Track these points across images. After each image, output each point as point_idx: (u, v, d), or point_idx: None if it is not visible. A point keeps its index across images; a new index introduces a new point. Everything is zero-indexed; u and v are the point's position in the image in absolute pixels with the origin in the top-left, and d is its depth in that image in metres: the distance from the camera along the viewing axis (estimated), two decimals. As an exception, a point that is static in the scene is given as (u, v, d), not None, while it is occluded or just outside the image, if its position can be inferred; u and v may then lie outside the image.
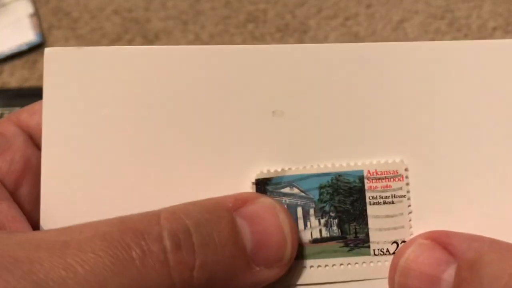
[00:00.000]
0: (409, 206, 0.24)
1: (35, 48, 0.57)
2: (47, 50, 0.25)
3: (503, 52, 0.24)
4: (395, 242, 0.24)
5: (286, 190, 0.24)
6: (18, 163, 0.26)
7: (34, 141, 0.27)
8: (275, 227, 0.23)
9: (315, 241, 0.24)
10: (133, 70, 0.25)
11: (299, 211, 0.24)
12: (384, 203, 0.24)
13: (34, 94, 0.34)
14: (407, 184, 0.24)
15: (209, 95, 0.25)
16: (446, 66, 0.24)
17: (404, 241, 0.24)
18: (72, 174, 0.25)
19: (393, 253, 0.24)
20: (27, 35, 0.57)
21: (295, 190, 0.24)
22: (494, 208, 0.24)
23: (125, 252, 0.20)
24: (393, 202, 0.24)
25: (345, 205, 0.24)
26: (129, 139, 0.25)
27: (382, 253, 0.24)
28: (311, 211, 0.24)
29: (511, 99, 0.24)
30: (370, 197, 0.24)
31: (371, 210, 0.24)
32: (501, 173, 0.24)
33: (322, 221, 0.24)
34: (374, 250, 0.24)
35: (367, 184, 0.24)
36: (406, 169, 0.24)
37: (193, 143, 0.25)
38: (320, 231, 0.24)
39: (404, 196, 0.24)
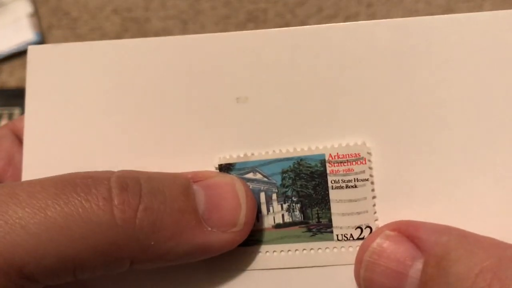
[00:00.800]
0: (373, 190, 0.24)
1: (35, 48, 0.58)
2: (30, 48, 0.26)
3: (467, 27, 0.24)
4: (359, 227, 0.23)
5: (250, 175, 0.24)
6: (2, 159, 0.29)
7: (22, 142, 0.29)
8: (230, 193, 0.23)
9: (277, 226, 0.24)
10: (106, 63, 0.26)
11: (262, 196, 0.24)
12: (347, 187, 0.23)
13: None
14: (370, 167, 0.24)
15: (174, 83, 0.25)
16: (410, 43, 0.24)
17: (368, 226, 0.23)
18: (52, 167, 0.25)
19: (357, 238, 0.23)
20: (26, 35, 0.58)
21: (258, 176, 0.24)
22: (460, 191, 0.23)
23: (71, 188, 0.20)
24: (355, 186, 0.23)
25: (307, 190, 0.24)
26: (103, 131, 0.25)
27: (345, 239, 0.23)
28: (274, 196, 0.24)
29: (478, 77, 0.23)
30: (332, 181, 0.23)
31: (333, 194, 0.23)
32: (468, 155, 0.23)
33: (285, 206, 0.24)
34: (337, 236, 0.23)
35: (329, 168, 0.24)
36: (369, 152, 0.24)
37: (159, 130, 0.25)
38: (283, 216, 0.24)
39: (367, 180, 0.23)
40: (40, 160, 0.25)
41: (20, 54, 0.58)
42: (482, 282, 0.19)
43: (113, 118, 0.25)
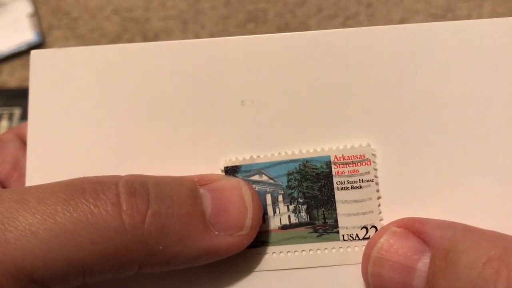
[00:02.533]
0: (378, 190, 0.24)
1: (35, 48, 0.58)
2: (32, 53, 0.26)
3: (468, 32, 0.24)
4: (365, 227, 0.24)
5: (256, 177, 0.24)
6: (8, 163, 0.29)
7: None
8: (236, 196, 0.23)
9: (284, 227, 0.24)
10: (110, 67, 0.26)
11: (268, 198, 0.24)
12: (352, 188, 0.24)
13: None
14: (375, 168, 0.24)
15: (179, 87, 0.25)
16: (412, 49, 0.24)
17: (373, 226, 0.24)
18: (56, 170, 0.25)
19: (363, 238, 0.24)
20: (26, 35, 0.58)
21: (264, 178, 0.24)
22: (462, 191, 0.24)
23: (80, 193, 0.21)
24: (360, 187, 0.24)
25: (313, 191, 0.24)
26: (108, 134, 0.26)
27: (351, 239, 0.24)
28: (280, 198, 0.24)
29: (478, 81, 0.24)
30: (338, 182, 0.24)
31: (339, 195, 0.24)
32: (469, 156, 0.24)
33: (291, 207, 0.24)
34: (343, 236, 0.24)
35: (334, 169, 0.24)
36: (373, 154, 0.24)
37: (164, 133, 0.25)
38: (289, 217, 0.24)
39: (372, 181, 0.24)
40: (44, 164, 0.25)
41: (20, 54, 0.58)
42: (489, 270, 0.19)
43: (117, 122, 0.25)
